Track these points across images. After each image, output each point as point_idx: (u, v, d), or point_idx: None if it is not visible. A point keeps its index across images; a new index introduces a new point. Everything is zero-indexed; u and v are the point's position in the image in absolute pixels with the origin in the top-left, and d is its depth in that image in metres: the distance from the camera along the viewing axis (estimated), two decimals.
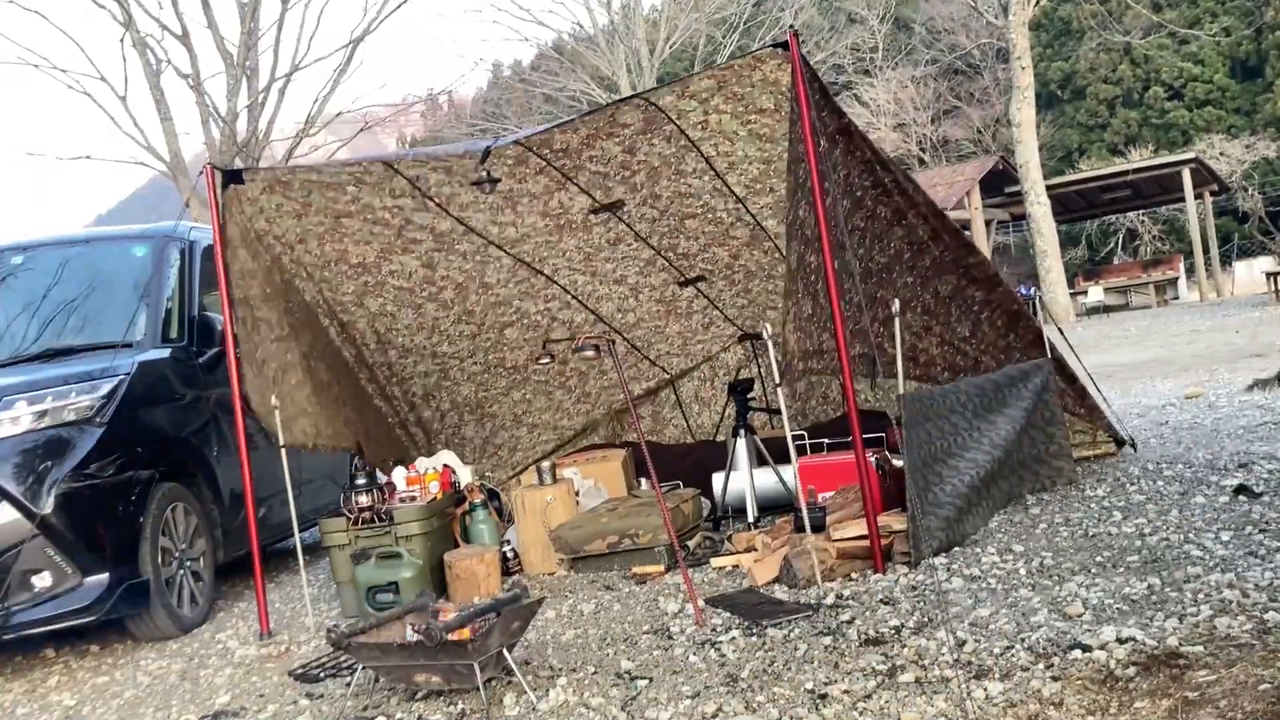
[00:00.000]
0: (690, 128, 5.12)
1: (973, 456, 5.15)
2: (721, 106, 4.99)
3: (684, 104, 4.95)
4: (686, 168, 5.45)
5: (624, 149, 5.26)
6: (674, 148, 5.28)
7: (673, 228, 6.03)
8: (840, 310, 4.52)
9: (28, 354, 5.77)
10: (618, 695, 3.53)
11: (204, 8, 19.59)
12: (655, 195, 5.69)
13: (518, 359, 6.91)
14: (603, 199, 5.62)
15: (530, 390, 7.16)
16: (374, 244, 5.78)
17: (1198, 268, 27.37)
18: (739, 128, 5.12)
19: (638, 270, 6.46)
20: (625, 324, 6.95)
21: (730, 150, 5.29)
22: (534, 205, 5.60)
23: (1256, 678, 2.85)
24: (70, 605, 4.98)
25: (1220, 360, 11.50)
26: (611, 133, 5.11)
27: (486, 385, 7.00)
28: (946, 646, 3.45)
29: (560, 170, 5.31)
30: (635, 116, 5.01)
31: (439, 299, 6.29)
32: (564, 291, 6.54)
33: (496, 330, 6.66)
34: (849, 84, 36.40)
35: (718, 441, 7.38)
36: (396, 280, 6.07)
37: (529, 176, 5.35)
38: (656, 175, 5.51)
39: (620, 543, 5.45)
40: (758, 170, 5.44)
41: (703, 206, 5.79)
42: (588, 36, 31.54)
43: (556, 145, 5.13)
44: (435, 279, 6.15)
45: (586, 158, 5.27)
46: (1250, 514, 4.59)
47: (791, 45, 4.52)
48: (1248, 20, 34.64)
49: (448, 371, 6.79)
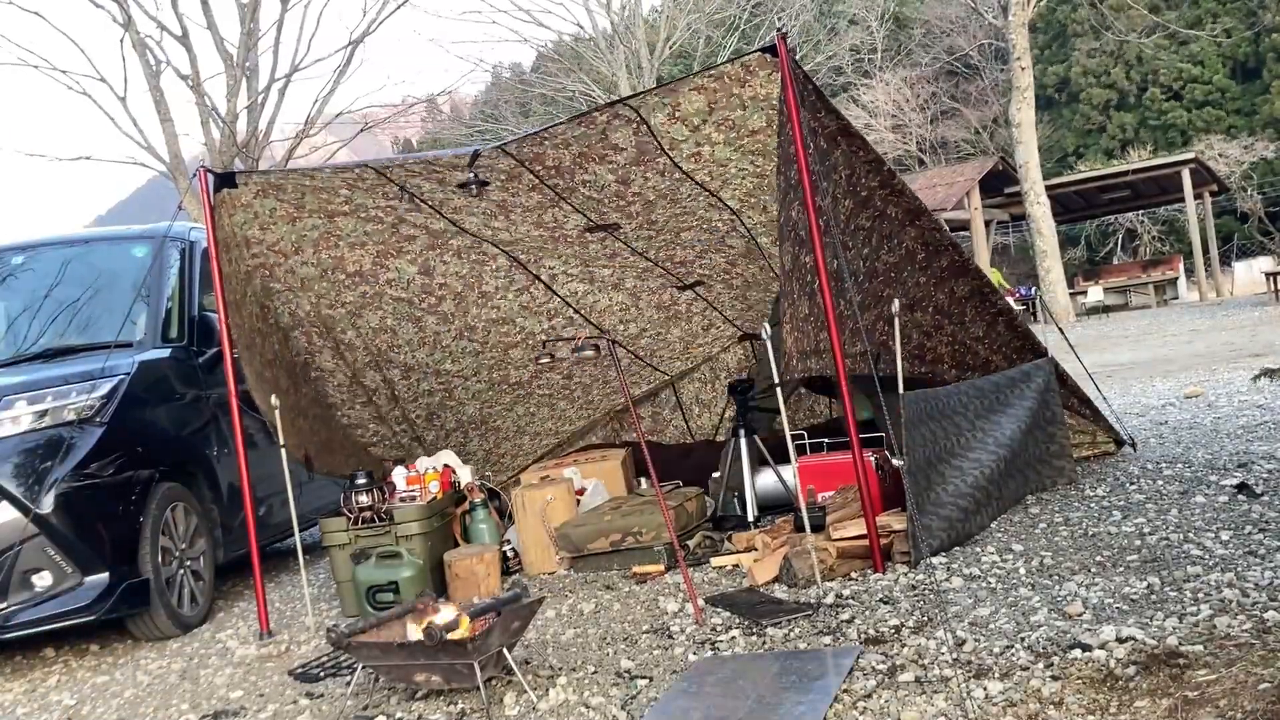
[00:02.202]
0: (684, 160, 5.05)
1: (976, 456, 5.15)
2: (714, 136, 4.90)
3: (676, 131, 4.83)
4: (681, 194, 5.41)
5: (618, 179, 5.17)
6: (668, 181, 5.23)
7: (669, 241, 6.00)
8: (833, 309, 4.50)
9: (28, 354, 5.78)
10: (618, 695, 3.53)
11: (204, 8, 19.59)
12: (651, 221, 5.66)
13: (522, 376, 6.90)
14: (597, 220, 5.60)
15: (534, 404, 7.16)
16: (369, 246, 5.75)
17: (1197, 268, 27.38)
18: (732, 154, 5.06)
19: (636, 276, 6.45)
20: (628, 335, 6.95)
21: (724, 172, 5.25)
22: (527, 216, 5.57)
23: (1256, 677, 2.85)
24: (70, 605, 4.99)
25: (1220, 360, 11.50)
26: (604, 155, 5.00)
27: (491, 402, 6.99)
28: (946, 646, 3.45)
29: (554, 190, 5.27)
30: (628, 139, 4.88)
31: (438, 311, 6.25)
32: (566, 305, 6.51)
33: (500, 350, 6.65)
34: (847, 85, 36.42)
35: (717, 442, 7.39)
36: (394, 290, 6.03)
37: (521, 191, 5.30)
38: (651, 207, 5.48)
39: (623, 541, 5.45)
40: (751, 185, 5.40)
41: (698, 220, 5.78)
42: (587, 38, 31.55)
43: (549, 162, 5.05)
44: (433, 287, 6.11)
45: (580, 180, 5.18)
46: (1250, 513, 4.60)
47: (780, 48, 4.47)
48: (1248, 21, 34.67)
49: (452, 391, 6.76)
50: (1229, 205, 32.55)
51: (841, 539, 4.68)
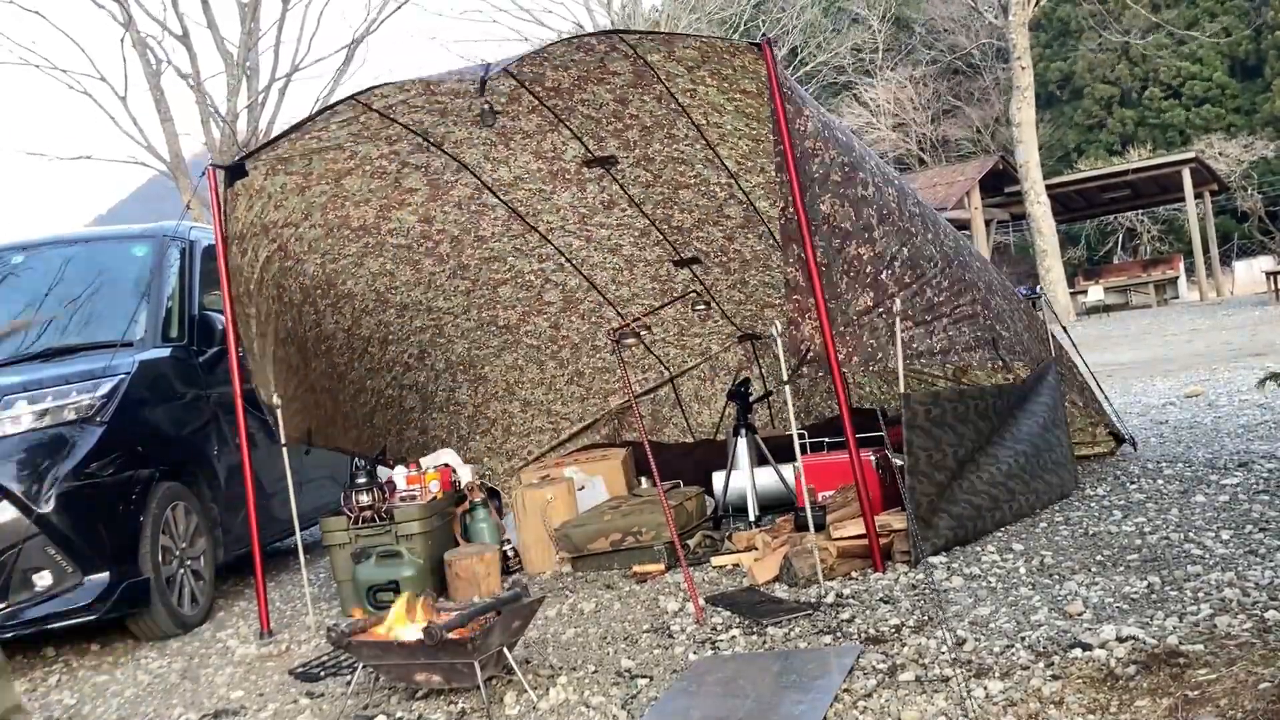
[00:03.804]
0: (679, 92, 5.14)
1: (993, 453, 5.10)
2: (708, 80, 5.01)
3: (671, 66, 4.95)
4: (679, 133, 5.46)
5: (615, 99, 5.26)
6: (665, 109, 5.30)
7: (667, 196, 6.04)
8: (825, 306, 4.50)
9: (28, 353, 5.78)
10: (618, 694, 3.53)
11: (204, 8, 19.62)
12: (648, 158, 5.71)
13: (510, 318, 6.99)
14: (595, 149, 5.63)
15: (522, 355, 7.22)
16: (373, 201, 5.82)
17: (1197, 267, 27.38)
18: (725, 102, 5.14)
19: (632, 241, 6.48)
20: (620, 297, 6.96)
21: (720, 122, 5.31)
22: (527, 144, 5.63)
23: (1256, 676, 2.85)
24: (71, 604, 4.98)
25: (1220, 359, 11.50)
26: (602, 78, 5.10)
27: (479, 343, 7.09)
28: (946, 645, 3.45)
29: (552, 110, 5.33)
30: (625, 68, 5.00)
31: (435, 253, 6.35)
32: (558, 253, 6.57)
33: (490, 287, 6.74)
34: (849, 84, 36.42)
35: (718, 441, 7.39)
36: (395, 238, 6.14)
37: (521, 114, 5.38)
38: (649, 135, 5.53)
39: (624, 541, 5.45)
40: (747, 147, 5.46)
41: (695, 177, 5.80)
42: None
43: (548, 83, 5.13)
44: (432, 233, 6.22)
45: (579, 100, 5.27)
46: (1250, 513, 4.60)
47: (766, 55, 4.50)
48: (1247, 20, 34.66)
49: (442, 328, 6.85)
50: (1229, 205, 32.55)
51: (842, 538, 4.68)
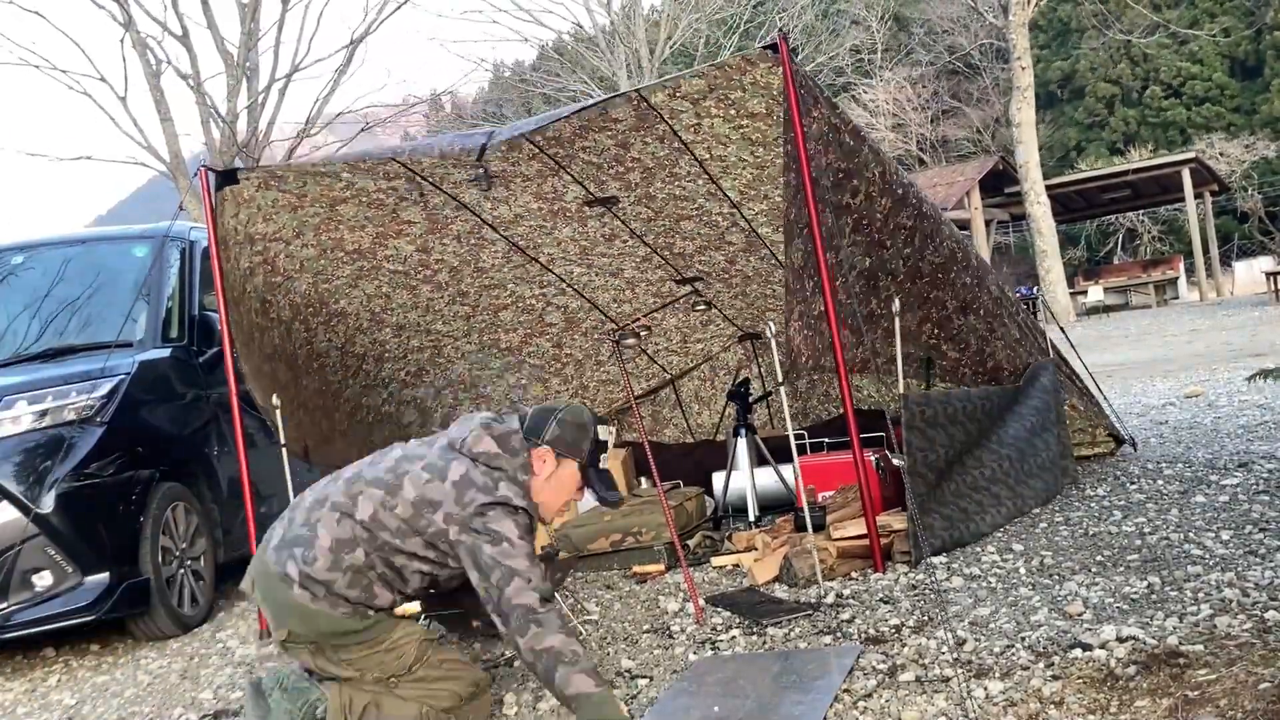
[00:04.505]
0: (683, 129, 5.10)
1: (978, 456, 5.11)
2: (713, 110, 4.96)
3: (676, 104, 4.92)
4: (680, 171, 5.43)
5: (617, 144, 5.25)
6: (667, 149, 5.27)
7: (668, 228, 6.02)
8: (834, 309, 4.50)
9: (28, 353, 5.78)
10: (618, 694, 3.52)
11: (204, 8, 19.61)
12: (650, 196, 5.68)
13: (512, 340, 6.92)
14: (596, 192, 5.63)
15: (525, 375, 7.17)
16: (369, 229, 5.79)
17: (1198, 267, 27.39)
18: (730, 131, 5.10)
19: (634, 265, 6.46)
20: (621, 315, 6.95)
21: (724, 154, 5.28)
22: (527, 187, 5.61)
23: (1256, 676, 2.85)
24: (71, 604, 4.98)
25: (1220, 360, 11.50)
26: (604, 126, 5.09)
27: (481, 364, 7.01)
28: (946, 645, 3.45)
29: (553, 158, 5.32)
30: (627, 111, 4.99)
31: (434, 281, 6.29)
32: (559, 280, 6.55)
33: (491, 313, 6.68)
34: (848, 85, 36.42)
35: (718, 441, 7.39)
36: (391, 264, 6.07)
37: (521, 161, 5.36)
38: (650, 176, 5.50)
39: (624, 541, 5.45)
40: (750, 176, 5.42)
41: (697, 210, 5.78)
42: (587, 37, 31.54)
43: (549, 132, 5.13)
44: (430, 262, 6.15)
45: (579, 148, 5.26)
46: (1250, 513, 4.60)
47: (781, 49, 4.49)
48: (1247, 20, 34.67)
49: (441, 349, 6.79)
50: (1229, 205, 32.57)
51: (842, 538, 4.68)
